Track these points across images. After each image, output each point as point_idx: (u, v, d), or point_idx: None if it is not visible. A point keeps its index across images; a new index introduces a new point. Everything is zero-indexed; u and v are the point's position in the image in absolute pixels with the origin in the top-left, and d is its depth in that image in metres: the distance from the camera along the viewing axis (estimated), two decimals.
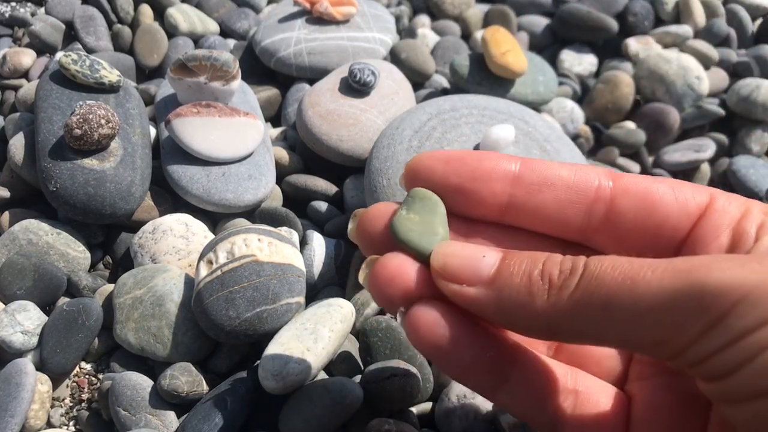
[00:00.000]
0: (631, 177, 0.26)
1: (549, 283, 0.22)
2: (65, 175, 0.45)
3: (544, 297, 0.22)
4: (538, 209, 0.26)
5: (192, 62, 0.49)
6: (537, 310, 0.22)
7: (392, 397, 0.38)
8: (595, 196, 0.26)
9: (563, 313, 0.21)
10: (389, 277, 0.24)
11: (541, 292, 0.22)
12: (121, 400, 0.39)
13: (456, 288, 0.23)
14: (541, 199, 0.26)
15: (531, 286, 0.22)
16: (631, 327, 0.20)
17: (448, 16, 0.74)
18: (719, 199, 0.25)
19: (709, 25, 0.72)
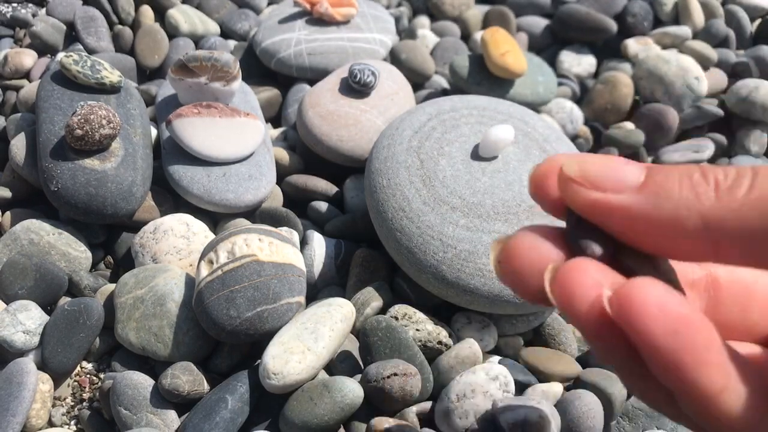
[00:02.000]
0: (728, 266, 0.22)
1: (716, 184, 0.19)
2: (66, 176, 0.45)
3: (712, 196, 0.19)
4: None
5: (193, 63, 0.49)
6: (705, 214, 0.19)
7: (392, 396, 0.38)
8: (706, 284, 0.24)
9: (737, 217, 0.18)
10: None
11: (708, 193, 0.19)
12: (122, 400, 0.39)
13: (599, 195, 0.20)
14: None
15: (695, 186, 0.19)
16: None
17: (447, 17, 0.74)
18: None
19: (707, 26, 0.72)
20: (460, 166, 0.46)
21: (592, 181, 0.20)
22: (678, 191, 0.19)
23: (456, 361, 0.41)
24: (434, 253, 0.42)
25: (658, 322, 0.18)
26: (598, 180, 0.20)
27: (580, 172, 0.21)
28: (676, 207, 0.19)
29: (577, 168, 0.21)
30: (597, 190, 0.20)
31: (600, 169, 0.20)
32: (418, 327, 0.43)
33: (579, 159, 0.21)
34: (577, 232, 0.21)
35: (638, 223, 0.20)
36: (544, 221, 0.44)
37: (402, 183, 0.45)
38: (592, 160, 0.21)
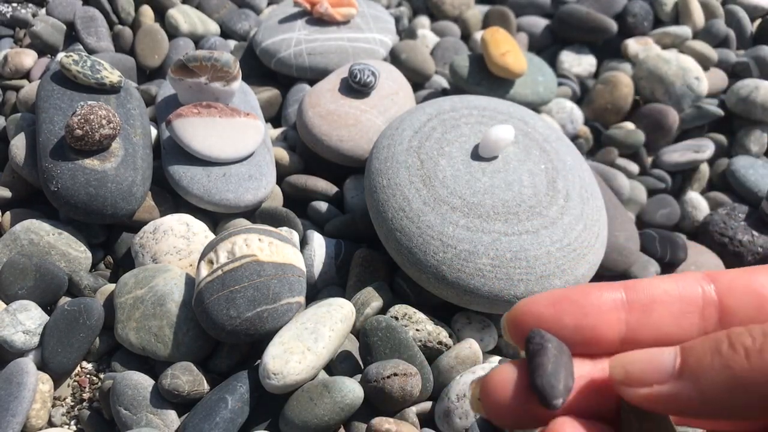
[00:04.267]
0: (727, 273, 0.25)
1: (744, 351, 0.20)
2: (66, 176, 0.45)
3: (744, 363, 0.20)
4: (656, 329, 0.25)
5: (193, 63, 0.49)
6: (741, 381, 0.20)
7: (392, 396, 0.38)
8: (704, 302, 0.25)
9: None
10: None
11: (740, 360, 0.20)
12: (122, 400, 0.39)
13: (646, 391, 0.22)
14: (656, 317, 0.25)
15: (725, 359, 0.21)
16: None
17: (447, 17, 0.74)
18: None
19: (708, 26, 0.72)
20: (460, 166, 0.46)
21: (637, 379, 0.22)
22: (711, 368, 0.21)
23: (456, 361, 0.41)
24: (434, 253, 0.42)
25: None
26: (642, 376, 0.22)
27: (625, 374, 0.22)
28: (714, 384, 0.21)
29: (622, 371, 0.23)
30: (644, 385, 0.22)
31: (640, 366, 0.22)
32: (418, 327, 0.43)
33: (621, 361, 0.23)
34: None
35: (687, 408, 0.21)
36: (543, 221, 0.44)
37: (402, 183, 0.45)
38: (631, 359, 0.23)
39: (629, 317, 0.25)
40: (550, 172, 0.47)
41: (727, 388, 0.20)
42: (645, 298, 0.25)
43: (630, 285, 0.25)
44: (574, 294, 0.25)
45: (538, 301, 0.25)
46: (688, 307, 0.25)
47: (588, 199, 0.47)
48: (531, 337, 0.24)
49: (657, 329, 0.25)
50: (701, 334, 0.24)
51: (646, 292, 0.25)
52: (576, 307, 0.24)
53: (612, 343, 0.25)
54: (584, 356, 0.25)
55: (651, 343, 0.24)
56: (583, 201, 0.47)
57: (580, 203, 0.46)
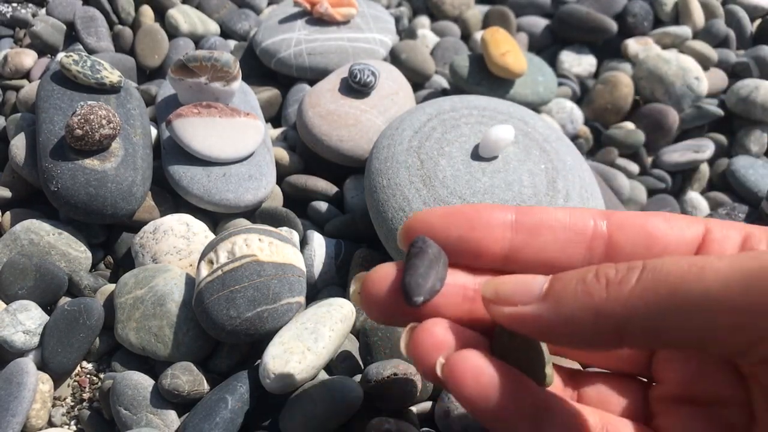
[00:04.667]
0: (623, 213, 0.26)
1: (606, 282, 0.21)
2: (66, 176, 0.45)
3: (603, 293, 0.21)
4: (540, 252, 0.26)
5: (193, 63, 0.49)
6: (599, 310, 0.21)
7: (392, 396, 0.38)
8: (593, 234, 0.26)
9: (628, 309, 0.20)
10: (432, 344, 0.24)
11: (600, 290, 0.21)
12: (122, 400, 0.39)
13: (511, 310, 0.23)
14: (541, 241, 0.26)
15: (588, 287, 0.22)
16: (704, 314, 0.19)
17: (447, 16, 0.74)
18: (716, 229, 0.25)
19: (708, 26, 0.72)
20: (460, 166, 0.46)
21: (504, 298, 0.23)
22: (574, 294, 0.22)
23: None
24: None
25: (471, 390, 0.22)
26: (510, 296, 0.23)
27: (494, 291, 0.24)
28: (573, 309, 0.22)
29: (493, 290, 0.24)
30: (510, 305, 0.23)
31: (510, 287, 0.23)
32: None
33: (494, 282, 0.24)
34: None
35: (547, 329, 0.22)
36: None
37: (402, 183, 0.45)
38: (503, 280, 0.24)
39: (515, 236, 0.26)
40: (550, 172, 0.47)
41: (585, 314, 0.21)
42: (533, 222, 0.26)
43: (523, 209, 0.26)
44: (466, 209, 0.26)
45: (433, 212, 0.26)
46: (575, 237, 0.26)
47: (588, 199, 0.47)
48: (414, 242, 0.25)
49: (540, 251, 0.26)
50: (585, 263, 0.25)
51: (536, 217, 0.26)
52: (464, 220, 0.26)
53: (495, 258, 0.26)
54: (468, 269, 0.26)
55: (533, 263, 0.26)
56: (583, 201, 0.47)
57: (580, 203, 0.46)
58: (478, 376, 0.22)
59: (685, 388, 0.27)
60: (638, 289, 0.20)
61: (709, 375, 0.26)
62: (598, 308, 0.21)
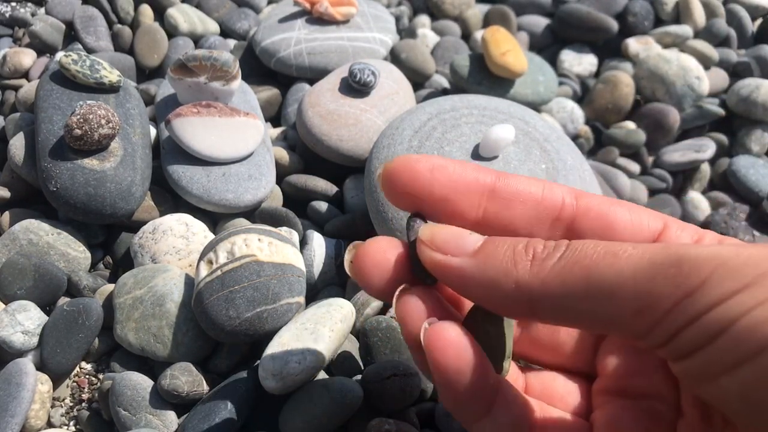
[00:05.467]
0: (593, 197, 0.27)
1: (533, 255, 0.23)
2: (65, 175, 0.45)
3: (527, 267, 0.22)
4: (508, 225, 0.26)
5: (192, 62, 0.49)
6: (519, 280, 0.22)
7: (392, 397, 0.38)
8: (559, 214, 0.27)
9: (544, 285, 0.22)
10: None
11: (525, 262, 0.22)
12: (121, 400, 0.39)
13: (440, 257, 0.24)
14: (511, 214, 0.26)
15: (515, 256, 0.23)
16: (611, 298, 0.20)
17: (448, 16, 0.74)
18: (672, 227, 0.26)
19: (709, 26, 0.72)
20: None
21: (438, 245, 0.25)
22: (501, 259, 0.23)
23: None
24: None
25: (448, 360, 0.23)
26: (443, 244, 0.24)
27: (430, 236, 0.25)
28: (496, 273, 0.23)
29: (429, 233, 0.25)
30: (441, 252, 0.24)
31: (446, 236, 0.25)
32: None
33: (434, 227, 0.25)
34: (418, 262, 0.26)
35: (469, 282, 0.24)
36: None
37: None
38: (441, 228, 0.25)
39: (489, 206, 0.26)
40: (550, 171, 0.47)
41: (506, 282, 0.23)
42: (509, 192, 0.27)
43: (503, 175, 0.27)
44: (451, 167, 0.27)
45: (420, 161, 0.26)
46: (543, 214, 0.27)
47: None
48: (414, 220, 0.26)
49: (509, 224, 0.27)
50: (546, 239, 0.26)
51: (512, 187, 0.27)
52: (449, 181, 0.26)
53: (467, 222, 0.27)
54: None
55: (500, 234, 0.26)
56: None
57: None
58: (459, 350, 0.23)
59: (621, 382, 0.28)
60: (558, 267, 0.22)
61: (646, 370, 0.28)
62: (519, 279, 0.22)
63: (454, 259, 0.24)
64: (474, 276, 0.23)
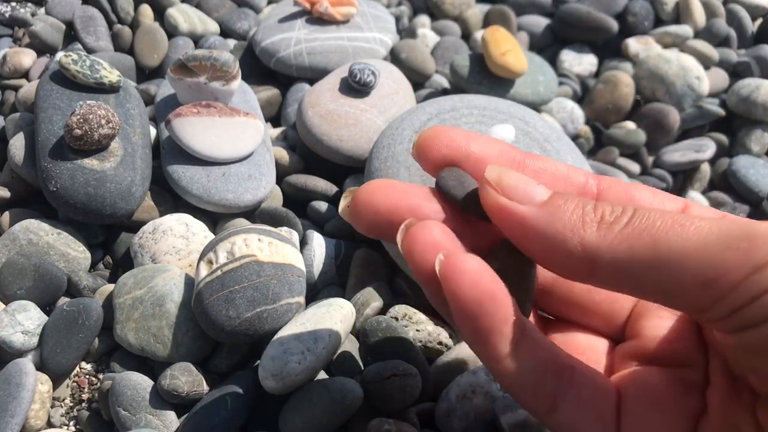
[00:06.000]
0: (613, 179, 0.27)
1: (601, 217, 0.22)
2: (65, 175, 0.45)
3: (594, 228, 0.22)
4: None
5: (192, 62, 0.49)
6: (585, 240, 0.22)
7: (392, 396, 0.38)
8: (584, 190, 0.27)
9: (611, 249, 0.21)
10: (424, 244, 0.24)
11: (593, 222, 0.22)
12: (121, 400, 0.39)
13: (506, 201, 0.23)
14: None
15: (584, 215, 0.22)
16: (678, 268, 0.20)
17: (448, 16, 0.74)
18: (694, 207, 0.26)
19: (709, 26, 0.72)
20: None
21: (505, 188, 0.24)
22: (569, 215, 0.23)
23: (456, 362, 0.41)
24: None
25: (468, 292, 0.22)
26: (510, 189, 0.24)
27: (497, 178, 0.24)
28: (563, 227, 0.22)
29: (496, 175, 0.24)
30: (506, 197, 0.24)
31: (514, 181, 0.24)
32: (419, 327, 0.43)
33: (501, 169, 0.25)
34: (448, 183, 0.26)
35: (531, 233, 0.23)
36: None
37: None
38: (510, 172, 0.24)
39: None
40: None
41: (571, 238, 0.22)
42: (539, 166, 0.27)
43: (530, 154, 0.27)
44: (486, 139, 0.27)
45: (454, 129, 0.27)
46: (569, 188, 0.27)
47: None
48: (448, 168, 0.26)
49: None
50: None
51: (541, 163, 0.27)
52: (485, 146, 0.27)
53: None
54: None
55: None
56: None
57: None
58: (479, 279, 0.23)
59: (653, 347, 0.28)
60: (625, 232, 0.21)
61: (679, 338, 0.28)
62: (585, 239, 0.22)
63: (520, 206, 0.23)
64: (538, 227, 0.23)
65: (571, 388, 0.25)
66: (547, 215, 0.23)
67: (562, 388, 0.25)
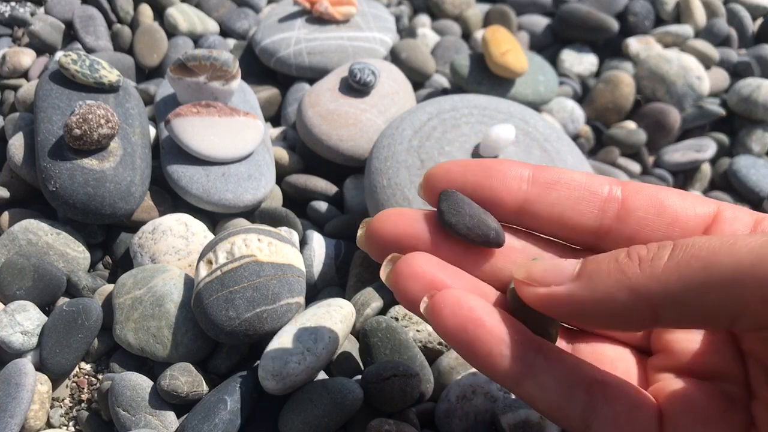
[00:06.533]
0: (639, 183, 0.27)
1: (639, 260, 0.22)
2: (65, 175, 0.45)
3: (637, 271, 0.21)
4: (553, 206, 0.26)
5: (192, 62, 0.49)
6: (633, 286, 0.21)
7: (392, 397, 0.37)
8: (608, 197, 0.26)
9: (661, 283, 0.21)
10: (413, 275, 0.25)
11: (634, 267, 0.22)
12: (120, 401, 0.39)
13: (544, 290, 0.23)
14: (555, 195, 0.26)
15: (620, 265, 0.22)
16: (737, 285, 0.20)
17: (448, 15, 0.74)
18: (727, 210, 0.26)
19: (709, 25, 0.72)
20: None
21: (538, 279, 0.24)
22: (607, 272, 0.22)
23: (457, 362, 0.41)
24: None
25: (449, 323, 0.23)
26: (542, 277, 0.24)
27: (527, 273, 0.24)
28: (607, 286, 0.22)
29: (524, 271, 0.24)
30: (543, 286, 0.24)
31: (543, 268, 0.24)
32: (419, 328, 0.42)
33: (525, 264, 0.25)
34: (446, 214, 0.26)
35: (580, 307, 0.23)
36: None
37: (402, 183, 0.45)
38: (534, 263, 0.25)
39: (531, 189, 0.26)
40: None
41: (620, 292, 0.22)
42: (550, 178, 0.26)
43: (540, 167, 0.27)
44: (486, 161, 0.27)
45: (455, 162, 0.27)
46: (589, 196, 0.26)
47: None
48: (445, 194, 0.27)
49: (554, 205, 0.26)
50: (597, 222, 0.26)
51: (553, 174, 0.27)
52: (482, 169, 0.27)
53: (508, 209, 0.26)
54: None
55: (546, 217, 0.26)
56: None
57: None
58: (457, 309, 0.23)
59: (689, 360, 0.27)
60: (672, 264, 0.21)
61: (714, 350, 0.27)
62: (633, 285, 0.21)
63: (559, 288, 0.23)
64: (585, 297, 0.22)
65: (604, 403, 0.25)
66: (587, 282, 0.23)
67: (593, 404, 0.25)
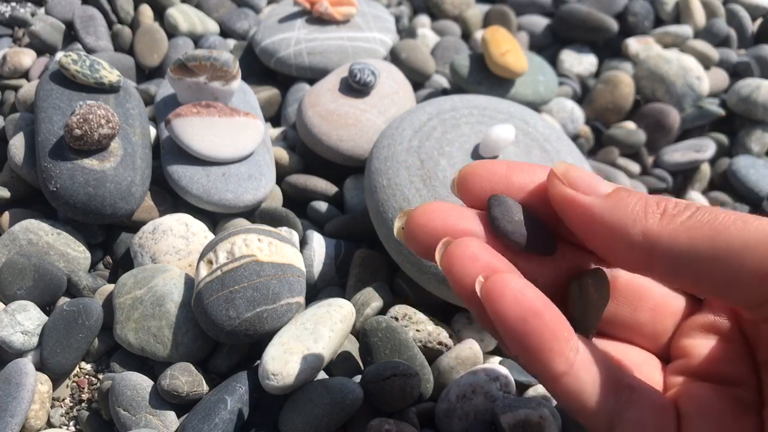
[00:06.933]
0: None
1: (664, 210, 0.23)
2: (65, 175, 0.45)
3: (657, 218, 0.23)
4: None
5: (192, 62, 0.49)
6: (647, 229, 0.23)
7: (392, 397, 0.37)
8: None
9: (670, 236, 0.22)
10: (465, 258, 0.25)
11: (655, 214, 0.23)
12: (121, 400, 0.39)
13: (571, 192, 0.25)
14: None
15: (647, 207, 0.23)
16: (738, 259, 0.21)
17: (448, 16, 0.74)
18: None
19: (709, 25, 0.72)
20: (460, 166, 0.46)
21: (571, 180, 0.25)
22: (632, 206, 0.24)
23: (456, 362, 0.41)
24: None
25: (510, 310, 0.23)
26: (576, 181, 0.25)
27: (564, 171, 0.25)
28: (626, 216, 0.24)
29: (564, 169, 0.25)
30: (573, 188, 0.25)
31: (580, 174, 0.25)
32: (419, 327, 0.43)
33: (568, 165, 0.26)
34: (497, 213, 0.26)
35: (594, 222, 0.24)
36: None
37: (402, 183, 0.45)
38: (575, 167, 0.26)
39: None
40: None
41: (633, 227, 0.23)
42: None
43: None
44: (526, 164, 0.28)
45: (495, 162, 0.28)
46: None
47: None
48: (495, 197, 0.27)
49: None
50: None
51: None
52: (527, 172, 0.27)
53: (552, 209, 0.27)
54: None
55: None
56: None
57: None
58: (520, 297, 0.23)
59: (706, 366, 0.28)
60: (687, 224, 0.22)
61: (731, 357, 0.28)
62: (647, 228, 0.23)
63: (585, 197, 0.24)
64: (602, 217, 0.24)
65: (630, 406, 0.25)
66: (610, 205, 0.24)
67: (620, 407, 0.25)
